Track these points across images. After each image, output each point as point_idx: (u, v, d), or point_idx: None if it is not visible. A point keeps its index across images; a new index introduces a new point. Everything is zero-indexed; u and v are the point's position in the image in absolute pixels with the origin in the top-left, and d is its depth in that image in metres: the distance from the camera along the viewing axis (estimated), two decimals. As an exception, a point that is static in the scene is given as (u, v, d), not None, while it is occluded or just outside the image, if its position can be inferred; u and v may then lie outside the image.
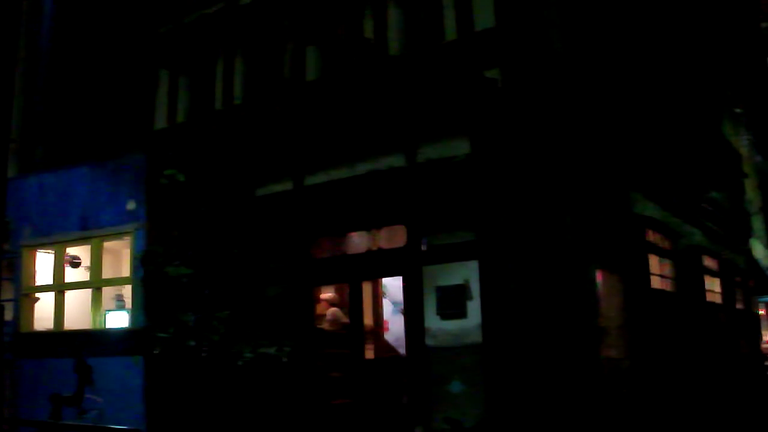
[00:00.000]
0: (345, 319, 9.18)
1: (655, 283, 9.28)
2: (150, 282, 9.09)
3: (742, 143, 15.45)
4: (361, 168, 7.88)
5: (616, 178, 8.11)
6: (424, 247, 7.43)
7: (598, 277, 7.62)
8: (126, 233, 10.08)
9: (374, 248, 8.05)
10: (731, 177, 13.16)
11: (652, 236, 9.31)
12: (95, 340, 10.01)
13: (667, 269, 9.97)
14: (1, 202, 9.23)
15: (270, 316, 8.30)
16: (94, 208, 10.50)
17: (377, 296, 10.42)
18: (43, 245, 11.16)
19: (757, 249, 15.47)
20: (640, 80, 9.15)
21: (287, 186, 8.47)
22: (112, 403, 9.07)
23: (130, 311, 10.15)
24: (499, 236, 7.02)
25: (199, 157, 9.19)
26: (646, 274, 8.88)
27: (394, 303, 10.20)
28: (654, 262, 9.36)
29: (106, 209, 10.35)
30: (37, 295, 11.21)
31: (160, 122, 9.96)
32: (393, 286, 9.91)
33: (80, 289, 10.79)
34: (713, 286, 11.98)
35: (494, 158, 7.10)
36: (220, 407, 8.29)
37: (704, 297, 11.07)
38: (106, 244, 10.57)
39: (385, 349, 10.04)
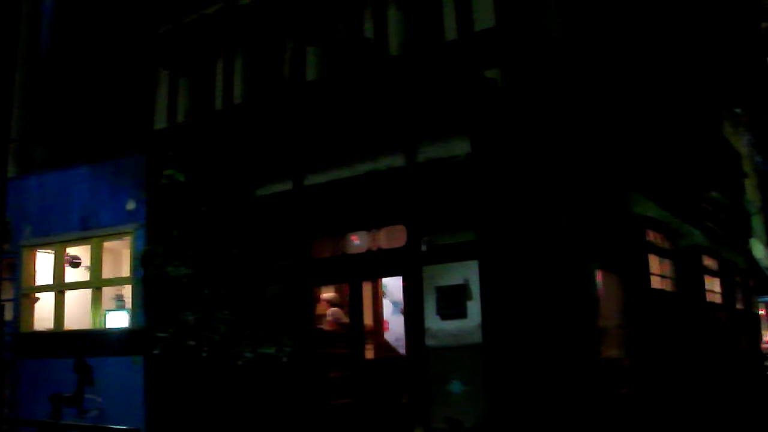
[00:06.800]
0: (345, 319, 9.18)
1: (655, 283, 9.29)
2: (150, 282, 9.09)
3: (742, 143, 15.44)
4: (361, 168, 7.88)
5: (616, 178, 8.11)
6: (424, 247, 7.43)
7: (598, 277, 7.62)
8: (126, 233, 10.08)
9: (374, 248, 8.05)
10: (731, 177, 13.16)
11: (652, 236, 9.31)
12: (95, 340, 10.00)
13: (667, 269, 9.97)
14: (1, 202, 9.22)
15: (270, 316, 8.30)
16: (94, 208, 10.49)
17: (377, 296, 10.42)
18: (43, 245, 11.15)
19: (757, 249, 15.46)
20: (641, 81, 9.15)
21: (287, 186, 8.47)
22: (112, 403, 9.07)
23: (130, 311, 10.14)
24: (499, 236, 7.02)
25: (199, 157, 9.19)
26: (646, 274, 8.89)
27: (394, 303, 10.20)
28: (654, 262, 9.36)
29: (106, 209, 10.34)
30: (37, 295, 11.21)
31: (160, 122, 9.96)
32: (393, 286, 9.91)
33: (80, 289, 10.78)
34: (713, 286, 11.98)
35: (494, 158, 7.10)
36: (221, 407, 8.29)
37: (704, 297, 11.07)
38: (106, 244, 10.57)
39: (385, 349, 10.05)
